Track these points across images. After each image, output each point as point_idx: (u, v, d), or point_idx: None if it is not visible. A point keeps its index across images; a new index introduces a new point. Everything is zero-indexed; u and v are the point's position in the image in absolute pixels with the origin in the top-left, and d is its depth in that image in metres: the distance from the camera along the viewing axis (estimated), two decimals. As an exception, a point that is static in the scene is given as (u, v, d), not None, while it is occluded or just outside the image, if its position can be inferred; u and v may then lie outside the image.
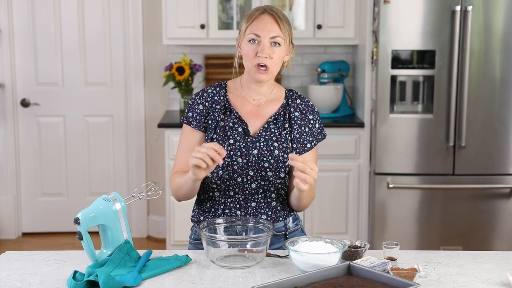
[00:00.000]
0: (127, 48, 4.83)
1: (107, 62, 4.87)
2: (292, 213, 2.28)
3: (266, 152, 2.18)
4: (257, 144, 2.19)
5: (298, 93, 2.31)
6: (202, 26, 4.45)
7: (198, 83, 4.78)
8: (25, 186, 4.97)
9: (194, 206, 2.31)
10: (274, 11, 2.19)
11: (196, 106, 2.25)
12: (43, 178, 4.96)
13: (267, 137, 2.20)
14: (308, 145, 2.25)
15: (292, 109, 2.26)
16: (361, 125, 4.32)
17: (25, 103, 4.86)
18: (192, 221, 2.30)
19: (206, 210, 2.24)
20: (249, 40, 2.17)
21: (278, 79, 4.63)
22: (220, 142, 2.19)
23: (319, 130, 2.28)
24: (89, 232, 1.97)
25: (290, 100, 2.28)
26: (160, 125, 4.37)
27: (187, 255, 2.03)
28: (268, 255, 2.09)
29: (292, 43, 2.25)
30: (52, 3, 4.78)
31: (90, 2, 4.79)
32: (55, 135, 4.93)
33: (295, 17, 4.61)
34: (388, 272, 1.84)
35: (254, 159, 2.18)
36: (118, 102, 4.91)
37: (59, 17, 4.80)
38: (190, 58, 4.66)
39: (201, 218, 2.25)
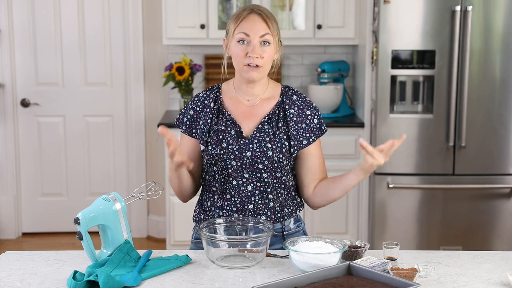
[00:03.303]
0: (127, 48, 4.84)
1: (107, 62, 4.87)
2: (293, 214, 2.27)
3: (259, 153, 2.17)
4: (250, 146, 2.18)
5: (295, 90, 2.29)
6: (202, 26, 4.45)
7: (198, 83, 4.78)
8: (25, 186, 4.97)
9: (195, 206, 2.31)
10: (262, 10, 2.18)
11: (188, 112, 2.27)
12: (43, 178, 4.97)
13: (260, 138, 2.18)
14: (305, 142, 2.23)
15: (287, 106, 2.24)
16: (361, 125, 4.32)
17: (25, 103, 4.86)
18: (193, 221, 2.31)
19: (207, 209, 2.25)
20: (238, 41, 2.17)
21: (278, 79, 4.63)
22: (214, 145, 2.19)
23: (318, 125, 2.25)
24: (89, 232, 1.97)
25: (285, 97, 2.25)
26: (160, 125, 4.37)
27: (187, 255, 2.03)
28: (268, 255, 2.08)
29: (280, 41, 2.25)
30: (52, 3, 4.78)
31: (90, 2, 4.79)
32: (55, 135, 4.93)
33: (295, 17, 4.61)
34: (388, 272, 1.84)
35: (248, 161, 2.17)
36: (118, 102, 4.91)
37: (59, 17, 4.80)
38: (190, 58, 4.66)
39: (202, 216, 2.25)
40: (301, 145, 2.23)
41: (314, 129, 2.25)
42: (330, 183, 2.24)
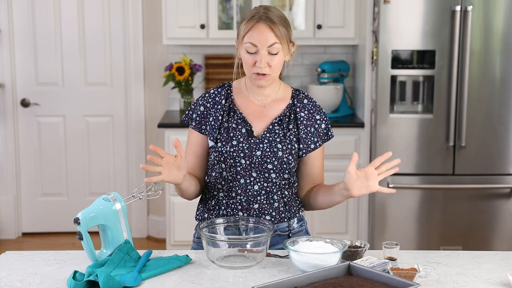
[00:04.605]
0: (127, 48, 4.84)
1: (107, 62, 4.87)
2: (297, 214, 2.28)
3: (269, 153, 2.18)
4: (261, 145, 2.19)
5: (305, 93, 2.31)
6: (202, 26, 4.45)
7: (198, 83, 4.78)
8: (25, 186, 4.97)
9: (198, 205, 2.31)
10: (270, 17, 2.15)
11: (198, 108, 2.27)
12: (43, 178, 4.96)
13: (271, 139, 2.20)
14: (312, 146, 2.24)
15: (298, 109, 2.25)
16: (361, 125, 4.32)
17: (25, 103, 4.86)
18: (196, 220, 2.30)
19: (211, 208, 2.24)
20: (247, 49, 2.17)
21: (279, 79, 4.62)
22: (224, 143, 2.19)
23: (325, 131, 2.27)
24: (89, 232, 1.97)
25: (296, 100, 2.27)
26: (160, 125, 4.38)
27: (187, 255, 2.03)
28: (268, 255, 2.08)
29: (291, 41, 2.25)
30: (52, 3, 4.78)
31: (90, 2, 4.79)
32: (55, 135, 4.93)
33: (295, 17, 4.61)
34: (388, 272, 1.84)
35: (257, 160, 2.18)
36: (118, 102, 4.91)
37: (59, 17, 4.80)
38: (190, 58, 4.66)
39: (206, 215, 2.25)
40: (309, 149, 2.24)
41: (321, 134, 2.27)
42: (319, 194, 2.25)
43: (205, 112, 2.25)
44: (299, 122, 2.24)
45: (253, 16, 2.17)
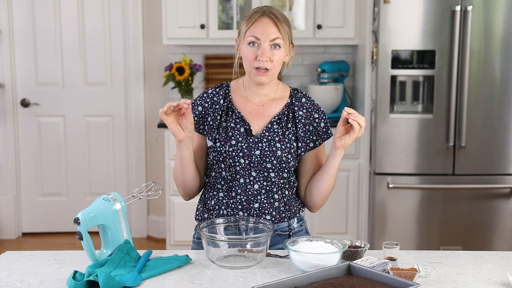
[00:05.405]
0: (127, 48, 4.84)
1: (107, 62, 4.87)
2: (297, 214, 2.28)
3: (268, 152, 2.18)
4: (260, 144, 2.19)
5: (303, 92, 2.31)
6: (202, 26, 4.45)
7: (198, 83, 4.78)
8: (25, 186, 4.97)
9: (198, 205, 2.30)
10: (273, 13, 2.18)
11: (196, 108, 2.26)
12: (43, 178, 4.97)
13: (269, 138, 2.20)
14: (311, 144, 2.25)
15: (296, 108, 2.25)
16: (361, 125, 4.31)
17: (25, 103, 4.86)
18: (196, 220, 2.29)
19: (211, 208, 2.24)
20: (249, 43, 2.17)
21: (278, 79, 4.62)
22: (222, 142, 2.19)
23: (324, 129, 2.28)
24: (89, 232, 1.97)
25: (294, 99, 2.27)
26: (160, 125, 4.38)
27: (187, 255, 2.03)
28: (268, 255, 2.08)
29: (292, 43, 2.26)
30: (52, 3, 4.78)
31: (90, 2, 4.79)
32: (55, 135, 4.93)
33: (295, 17, 4.61)
34: (388, 272, 1.84)
35: (256, 159, 2.18)
36: (118, 102, 4.91)
37: (59, 17, 4.80)
38: (190, 58, 4.66)
39: (205, 215, 2.25)
40: (308, 147, 2.24)
41: (321, 133, 2.27)
42: (316, 176, 2.26)
43: (203, 112, 2.25)
44: (297, 121, 2.24)
45: (256, 12, 2.19)
